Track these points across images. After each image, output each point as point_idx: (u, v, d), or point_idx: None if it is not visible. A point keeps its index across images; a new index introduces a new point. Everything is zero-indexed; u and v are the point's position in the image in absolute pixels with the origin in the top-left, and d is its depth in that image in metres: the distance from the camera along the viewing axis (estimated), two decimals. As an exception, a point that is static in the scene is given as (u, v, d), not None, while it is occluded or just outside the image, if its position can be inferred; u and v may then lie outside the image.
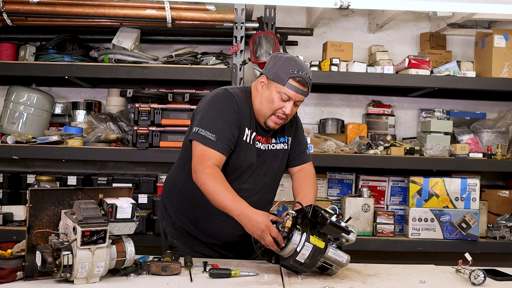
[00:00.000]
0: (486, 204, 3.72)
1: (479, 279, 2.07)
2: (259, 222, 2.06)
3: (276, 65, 2.25)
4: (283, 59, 2.25)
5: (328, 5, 2.45)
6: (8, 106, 3.71)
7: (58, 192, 2.04)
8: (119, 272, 2.02)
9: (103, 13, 3.45)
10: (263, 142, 2.37)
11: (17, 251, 2.03)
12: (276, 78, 2.23)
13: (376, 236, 3.59)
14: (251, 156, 2.32)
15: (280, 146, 2.43)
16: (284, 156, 2.46)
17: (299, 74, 2.21)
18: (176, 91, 3.65)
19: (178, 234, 2.45)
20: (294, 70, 2.21)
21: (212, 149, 2.18)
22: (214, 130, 2.19)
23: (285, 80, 2.21)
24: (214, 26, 3.60)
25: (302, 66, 2.24)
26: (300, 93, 2.24)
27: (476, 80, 3.70)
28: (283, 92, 2.22)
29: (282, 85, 2.22)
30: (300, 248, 2.03)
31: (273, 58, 2.30)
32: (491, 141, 3.85)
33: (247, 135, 2.30)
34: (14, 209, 3.56)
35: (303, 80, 2.22)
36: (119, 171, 4.11)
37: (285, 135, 2.45)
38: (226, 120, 2.22)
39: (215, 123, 2.21)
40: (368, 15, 4.21)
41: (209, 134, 2.19)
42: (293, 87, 2.22)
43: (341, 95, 4.20)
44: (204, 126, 2.21)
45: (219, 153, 2.19)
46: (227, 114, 2.23)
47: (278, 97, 2.24)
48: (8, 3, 3.41)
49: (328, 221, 2.03)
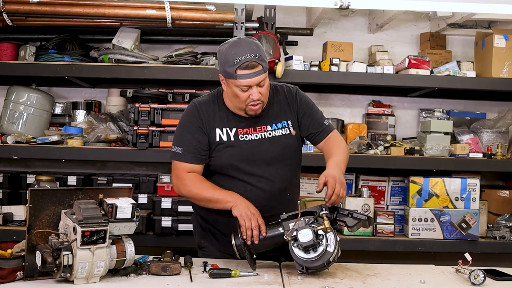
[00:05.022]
0: (486, 204, 3.72)
1: (479, 279, 2.07)
2: (251, 206, 2.16)
3: (221, 61, 2.21)
4: (224, 52, 2.20)
5: (328, 5, 2.44)
6: (8, 106, 3.71)
7: (58, 192, 2.04)
8: (119, 272, 2.02)
9: (103, 13, 3.45)
10: (252, 132, 2.32)
11: (17, 251, 2.03)
12: (226, 74, 2.20)
13: (376, 236, 3.59)
14: (238, 151, 2.30)
15: (279, 132, 2.35)
16: (289, 141, 2.37)
17: (242, 60, 2.14)
18: (176, 91, 3.65)
19: (205, 235, 2.47)
20: (236, 58, 2.15)
21: (180, 161, 2.30)
22: (179, 143, 2.31)
23: (234, 73, 2.16)
24: (214, 26, 3.60)
25: (243, 49, 2.16)
26: (254, 76, 2.17)
27: (476, 80, 3.70)
28: (239, 85, 2.18)
29: (235, 79, 2.18)
30: (332, 249, 2.05)
31: (218, 54, 2.26)
32: (491, 141, 3.85)
33: (219, 135, 2.30)
34: (14, 209, 3.56)
35: (250, 63, 2.15)
36: (119, 171, 4.11)
37: (283, 120, 2.37)
38: (188, 131, 2.31)
39: (179, 137, 2.33)
40: (368, 15, 4.21)
41: (177, 148, 2.31)
42: (244, 76, 2.16)
43: (341, 95, 4.20)
44: (174, 143, 2.34)
45: (187, 163, 2.29)
46: (188, 125, 2.32)
47: (239, 90, 2.20)
48: (8, 3, 3.41)
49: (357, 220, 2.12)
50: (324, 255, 2.04)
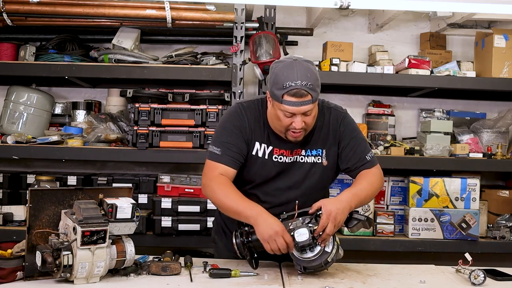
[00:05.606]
0: (486, 204, 3.72)
1: (479, 279, 2.07)
2: (273, 223, 2.02)
3: (271, 80, 2.10)
4: (276, 72, 2.08)
5: (328, 5, 2.44)
6: (8, 106, 3.71)
7: (58, 192, 2.04)
8: (119, 272, 2.03)
9: (103, 13, 3.45)
10: (288, 154, 2.22)
11: (17, 251, 2.03)
12: (273, 96, 2.09)
13: (376, 236, 3.59)
14: (266, 171, 2.22)
15: (310, 159, 2.24)
16: (317, 170, 2.25)
17: (292, 86, 2.02)
18: (176, 91, 3.65)
19: (218, 231, 2.48)
20: (286, 83, 2.02)
21: (217, 162, 2.18)
22: (219, 144, 2.19)
23: (280, 98, 2.04)
24: (214, 26, 3.60)
25: (296, 74, 2.03)
26: (301, 105, 2.05)
27: (476, 80, 3.70)
28: (284, 110, 2.07)
29: (280, 103, 2.06)
30: (330, 249, 2.05)
31: (270, 71, 2.15)
32: (491, 141, 3.84)
33: (257, 149, 2.21)
34: (14, 209, 3.55)
35: (299, 91, 2.02)
36: (119, 171, 4.11)
37: (319, 147, 2.24)
38: (230, 133, 2.20)
39: (220, 138, 2.21)
40: (368, 15, 4.21)
41: (215, 148, 2.19)
42: (290, 103, 2.04)
43: (341, 95, 4.19)
44: (212, 143, 2.23)
45: (224, 165, 2.17)
46: (231, 127, 2.21)
47: (282, 114, 2.09)
48: (8, 3, 3.41)
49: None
50: (322, 255, 2.04)
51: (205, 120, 3.48)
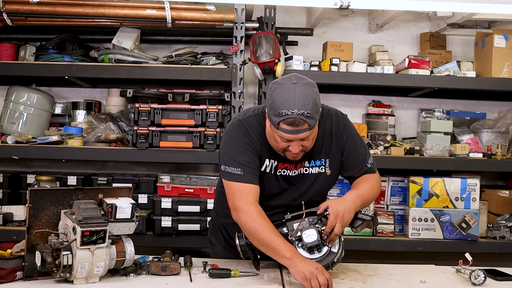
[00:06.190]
0: (486, 204, 3.72)
1: (479, 279, 2.07)
2: (310, 262, 1.98)
3: (268, 102, 2.03)
4: (273, 96, 2.00)
5: (328, 5, 2.43)
6: (8, 106, 3.71)
7: (58, 192, 2.04)
8: (119, 272, 2.03)
9: (103, 13, 3.44)
10: (292, 168, 2.20)
11: (17, 251, 2.03)
12: (270, 119, 2.02)
13: (376, 236, 3.59)
14: (272, 186, 2.20)
15: (314, 169, 2.22)
16: (321, 179, 2.24)
17: (288, 115, 1.94)
18: (176, 91, 3.65)
19: (215, 232, 2.48)
20: (282, 111, 1.94)
21: (242, 182, 2.10)
22: (237, 164, 2.11)
23: (277, 124, 1.98)
24: (214, 26, 3.60)
25: (293, 102, 1.94)
26: (297, 133, 1.98)
27: (476, 80, 3.70)
28: (280, 136, 2.02)
29: (276, 129, 2.00)
30: (336, 249, 2.07)
31: (268, 91, 2.08)
32: (491, 141, 3.84)
33: (266, 165, 2.18)
34: (14, 209, 3.56)
35: (295, 121, 1.94)
36: (119, 171, 4.11)
37: (322, 157, 2.22)
38: (245, 152, 2.13)
39: (236, 157, 2.13)
40: (368, 15, 4.21)
41: (234, 169, 2.11)
42: (286, 131, 1.98)
43: (341, 95, 4.19)
44: (227, 164, 2.14)
45: (251, 184, 2.11)
46: (242, 144, 2.14)
47: (279, 138, 2.04)
48: (8, 3, 3.41)
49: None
50: (328, 255, 2.04)
51: (205, 120, 3.48)
